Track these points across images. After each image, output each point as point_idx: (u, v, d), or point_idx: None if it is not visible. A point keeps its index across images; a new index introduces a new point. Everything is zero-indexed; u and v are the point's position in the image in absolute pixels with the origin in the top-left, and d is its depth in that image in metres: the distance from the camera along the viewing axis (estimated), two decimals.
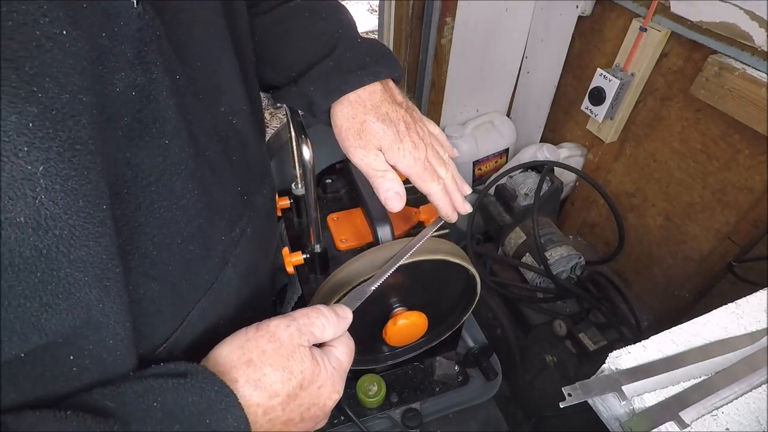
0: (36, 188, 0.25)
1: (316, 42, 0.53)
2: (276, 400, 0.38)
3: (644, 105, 1.21)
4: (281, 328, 0.40)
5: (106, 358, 0.33)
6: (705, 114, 1.09)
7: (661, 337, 0.55)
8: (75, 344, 0.31)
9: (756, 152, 1.01)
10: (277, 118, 2.64)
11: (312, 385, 0.40)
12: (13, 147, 0.24)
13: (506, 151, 1.60)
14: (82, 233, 0.28)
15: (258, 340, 0.39)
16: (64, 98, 0.26)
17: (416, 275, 0.65)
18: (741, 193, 1.07)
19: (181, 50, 0.36)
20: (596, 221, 1.51)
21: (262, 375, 0.38)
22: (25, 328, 0.27)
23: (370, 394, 0.82)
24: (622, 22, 1.20)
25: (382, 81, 0.53)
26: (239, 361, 0.38)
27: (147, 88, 0.32)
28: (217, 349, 0.39)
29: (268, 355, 0.38)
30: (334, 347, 0.44)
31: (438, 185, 0.54)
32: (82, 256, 0.28)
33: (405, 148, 0.51)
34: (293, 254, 0.69)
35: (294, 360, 0.39)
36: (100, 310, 0.31)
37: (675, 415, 0.48)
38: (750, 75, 0.92)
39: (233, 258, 0.47)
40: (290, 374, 0.38)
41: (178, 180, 0.36)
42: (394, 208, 0.52)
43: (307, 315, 0.42)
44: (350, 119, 0.51)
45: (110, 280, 0.31)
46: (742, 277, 1.08)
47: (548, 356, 1.19)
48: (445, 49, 1.32)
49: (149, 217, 0.35)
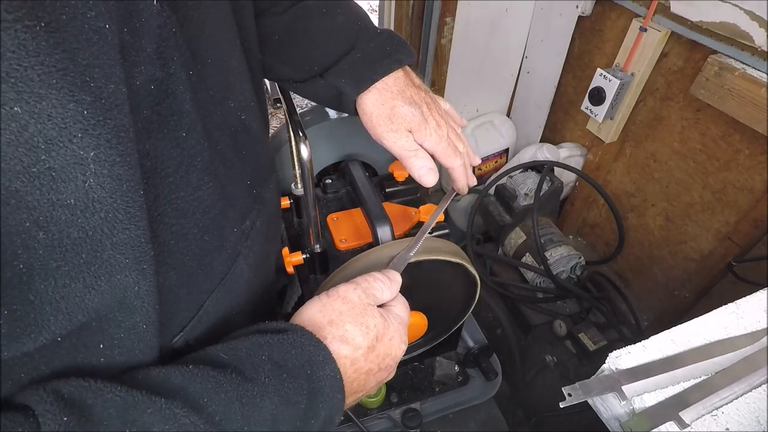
0: (86, 172, 0.26)
1: (339, 36, 0.56)
2: (359, 351, 0.42)
3: (644, 105, 1.21)
4: (350, 291, 0.45)
5: (135, 345, 0.34)
6: (705, 114, 1.09)
7: (661, 337, 0.55)
8: (106, 331, 0.32)
9: (756, 152, 1.01)
10: (277, 118, 2.63)
11: (385, 337, 0.44)
12: (68, 133, 0.25)
13: (506, 151, 1.60)
14: (125, 216, 0.29)
15: (333, 303, 0.43)
16: (110, 88, 0.27)
17: (416, 275, 0.65)
18: (741, 193, 1.07)
19: (193, 47, 0.37)
20: (596, 221, 1.50)
21: (345, 331, 0.42)
22: (71, 308, 0.28)
23: (370, 394, 0.82)
24: (622, 22, 1.20)
25: (402, 66, 0.56)
26: (322, 322, 0.42)
27: (165, 82, 0.34)
28: (298, 316, 0.43)
29: (345, 315, 0.43)
30: (393, 306, 0.48)
31: (460, 160, 0.59)
32: (123, 239, 0.30)
33: (430, 127, 0.55)
34: (293, 254, 0.69)
35: (368, 316, 0.43)
36: (136, 293, 0.32)
37: (675, 415, 0.48)
38: (750, 75, 0.92)
39: (245, 250, 0.48)
40: (367, 329, 0.43)
41: (195, 172, 0.38)
42: (429, 183, 0.56)
43: (366, 280, 0.47)
44: (380, 106, 0.54)
45: (147, 263, 0.32)
46: (742, 277, 1.08)
47: (548, 356, 1.19)
48: (445, 49, 1.32)
49: (167, 207, 0.36)
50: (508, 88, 1.56)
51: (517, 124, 1.60)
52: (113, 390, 0.30)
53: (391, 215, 0.68)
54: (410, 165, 0.55)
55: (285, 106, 0.67)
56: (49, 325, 0.28)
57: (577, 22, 1.29)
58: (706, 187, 1.14)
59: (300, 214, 0.81)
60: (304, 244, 0.73)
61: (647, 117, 1.22)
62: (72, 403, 0.28)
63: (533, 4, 1.36)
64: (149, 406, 0.30)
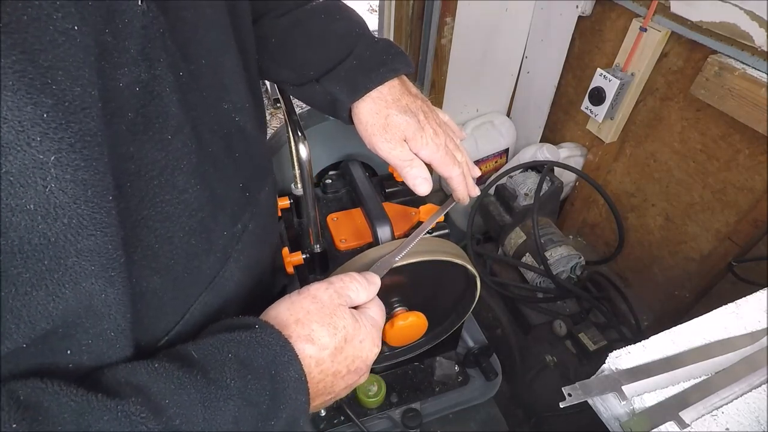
0: (47, 177, 0.26)
1: (337, 41, 0.56)
2: (326, 352, 0.41)
3: (644, 105, 1.21)
4: (321, 290, 0.44)
5: (104, 351, 0.34)
6: (705, 114, 1.09)
7: (661, 337, 0.55)
8: (74, 337, 0.31)
9: (756, 152, 1.01)
10: (277, 118, 2.64)
11: (354, 339, 0.44)
12: (26, 137, 0.24)
13: (506, 151, 1.60)
14: (90, 223, 0.29)
15: (302, 302, 0.43)
16: (76, 91, 0.26)
17: (416, 275, 0.65)
18: (741, 193, 1.07)
19: (185, 48, 0.37)
20: (596, 221, 1.50)
21: (311, 330, 0.41)
22: (33, 316, 0.28)
23: (370, 394, 0.82)
24: (622, 22, 1.20)
25: (399, 76, 0.56)
26: (289, 320, 0.41)
27: (151, 84, 0.33)
28: (265, 314, 0.43)
29: (312, 314, 0.42)
30: (368, 308, 0.48)
31: (458, 169, 0.59)
32: (89, 246, 0.29)
33: (427, 135, 0.55)
34: (293, 254, 0.69)
35: (337, 317, 0.43)
36: (103, 300, 0.31)
37: (675, 415, 0.48)
38: (750, 75, 0.92)
39: (235, 253, 0.48)
40: (335, 329, 0.42)
41: (181, 175, 0.37)
42: (423, 192, 0.57)
43: (341, 280, 0.46)
44: (374, 115, 0.54)
45: (115, 270, 0.31)
46: (742, 277, 1.08)
47: (548, 356, 1.19)
48: (445, 49, 1.32)
49: (152, 211, 0.36)
50: (508, 88, 1.56)
51: (517, 124, 1.60)
52: (70, 394, 0.29)
53: (391, 215, 0.68)
54: (405, 174, 0.56)
55: (284, 106, 0.67)
56: (11, 333, 0.27)
57: (577, 22, 1.29)
58: (706, 187, 1.14)
59: (300, 214, 0.81)
60: (304, 244, 0.73)
61: (647, 117, 1.22)
62: (27, 406, 0.28)
63: (533, 4, 1.36)
64: (105, 413, 0.30)
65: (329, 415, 0.84)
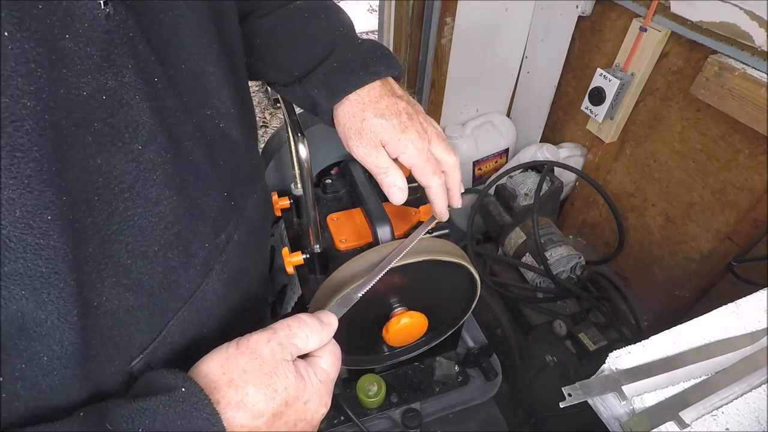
0: None
1: (319, 42, 0.54)
2: (260, 420, 0.36)
3: (644, 105, 1.21)
4: (262, 343, 0.38)
5: (40, 380, 0.32)
6: (705, 114, 1.09)
7: (661, 337, 0.55)
8: (6, 361, 0.29)
9: (756, 152, 1.01)
10: (277, 118, 2.63)
11: (298, 401, 0.39)
12: None
13: (506, 151, 1.60)
14: (18, 245, 0.27)
15: (238, 358, 0.37)
16: (3, 102, 0.25)
17: (416, 275, 0.65)
18: (741, 193, 1.07)
19: (162, 51, 0.35)
20: (596, 221, 1.50)
21: (245, 395, 0.36)
22: None
23: (370, 394, 0.82)
24: (622, 22, 1.19)
25: (381, 78, 0.54)
26: (220, 381, 0.36)
27: (118, 92, 0.31)
28: (196, 368, 0.38)
29: (249, 374, 0.37)
30: (320, 357, 0.42)
31: (439, 180, 0.54)
32: (17, 269, 0.27)
33: (408, 138, 0.51)
34: (293, 254, 0.69)
35: (277, 377, 0.37)
36: (34, 320, 0.29)
37: (675, 415, 0.48)
38: (750, 75, 0.92)
39: (218, 265, 0.46)
40: (274, 392, 0.37)
41: (154, 186, 0.35)
42: (397, 202, 0.54)
43: (288, 326, 0.40)
44: (350, 118, 0.51)
45: (51, 294, 0.29)
46: (742, 277, 1.08)
47: (548, 356, 1.19)
48: (445, 49, 1.32)
49: (123, 225, 0.34)
50: (508, 88, 1.56)
51: (517, 124, 1.60)
52: None
53: (391, 215, 0.68)
54: (380, 182, 0.53)
55: (284, 106, 0.67)
56: None
57: (577, 22, 1.29)
58: (706, 187, 1.14)
59: (300, 214, 0.81)
60: (304, 244, 0.73)
61: (647, 117, 1.22)
62: None
63: (533, 4, 1.36)
64: None
65: (329, 415, 0.84)
